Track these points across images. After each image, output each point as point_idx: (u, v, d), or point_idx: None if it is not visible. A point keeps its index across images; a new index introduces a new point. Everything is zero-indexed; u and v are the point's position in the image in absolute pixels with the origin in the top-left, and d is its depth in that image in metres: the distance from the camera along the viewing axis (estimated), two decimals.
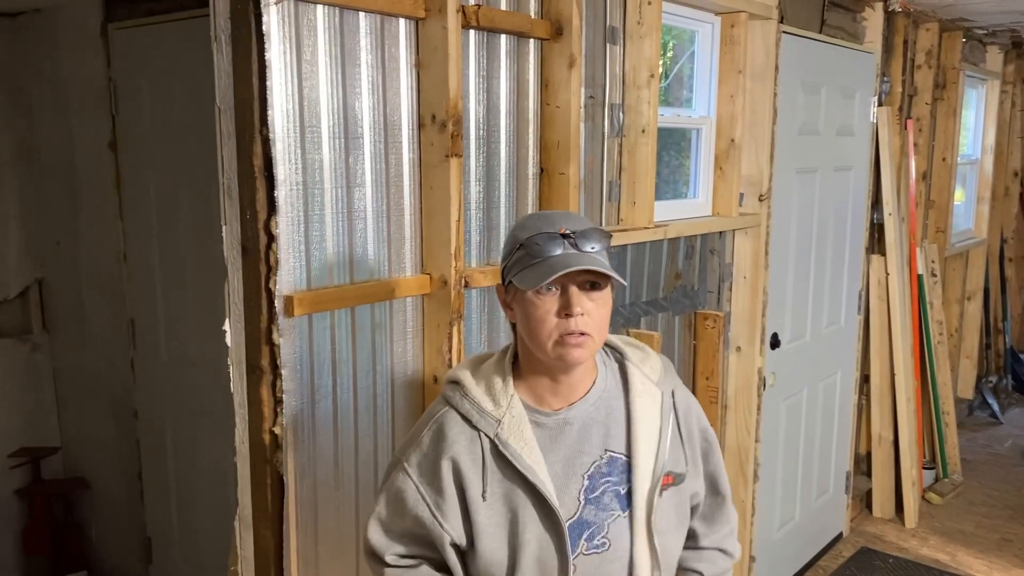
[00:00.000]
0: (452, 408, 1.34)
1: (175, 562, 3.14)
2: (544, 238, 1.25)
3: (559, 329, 1.24)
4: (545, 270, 1.22)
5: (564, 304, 1.24)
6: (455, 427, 1.32)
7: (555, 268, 1.22)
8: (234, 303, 1.70)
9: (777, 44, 2.97)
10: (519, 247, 1.27)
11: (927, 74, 4.43)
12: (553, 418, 1.33)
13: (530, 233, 1.27)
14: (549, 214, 1.33)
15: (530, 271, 1.24)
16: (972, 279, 5.53)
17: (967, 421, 5.70)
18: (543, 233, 1.26)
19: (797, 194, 3.35)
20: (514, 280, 1.27)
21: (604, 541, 1.31)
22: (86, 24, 3.00)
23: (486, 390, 1.34)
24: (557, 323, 1.24)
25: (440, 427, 1.33)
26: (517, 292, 1.28)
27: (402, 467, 1.34)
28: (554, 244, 1.25)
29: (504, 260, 1.32)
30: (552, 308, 1.24)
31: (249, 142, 1.62)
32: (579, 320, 1.24)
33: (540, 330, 1.25)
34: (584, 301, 1.24)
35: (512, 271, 1.28)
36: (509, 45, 2.10)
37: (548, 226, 1.27)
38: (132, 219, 3.03)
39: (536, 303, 1.25)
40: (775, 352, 3.29)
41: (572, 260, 1.23)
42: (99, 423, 3.36)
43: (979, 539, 4.10)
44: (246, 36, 1.60)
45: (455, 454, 1.30)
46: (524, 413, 1.32)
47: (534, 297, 1.25)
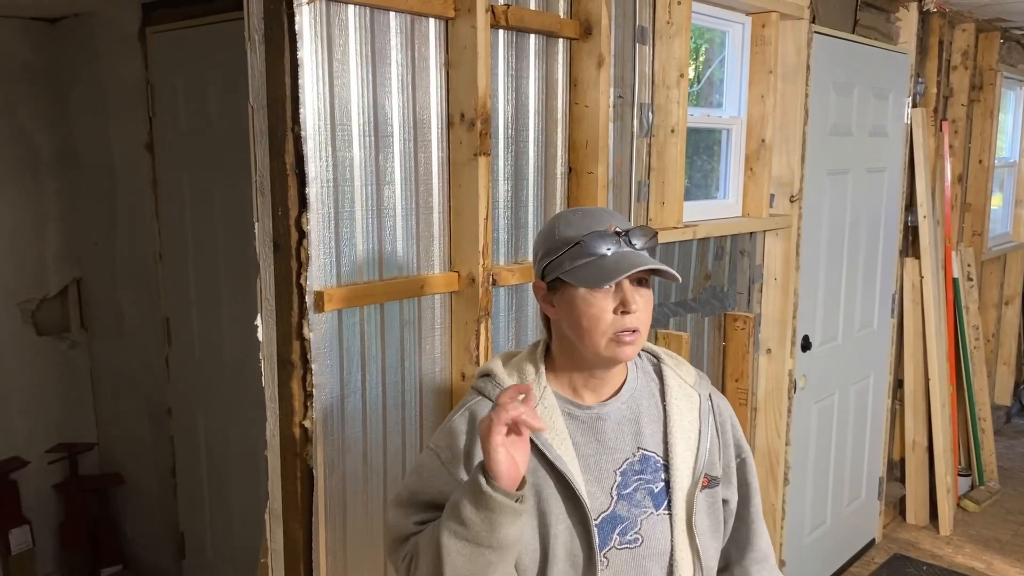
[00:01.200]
0: (484, 397, 1.35)
1: (208, 557, 3.18)
2: (597, 236, 1.26)
3: (615, 326, 1.25)
4: (607, 268, 1.23)
5: (622, 301, 1.25)
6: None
7: (620, 267, 1.23)
8: (266, 298, 1.72)
9: (808, 44, 2.95)
10: (572, 245, 1.26)
11: (963, 75, 4.37)
12: (587, 412, 1.34)
13: (580, 231, 1.27)
14: (593, 211, 1.33)
15: (587, 269, 1.25)
16: (1010, 284, 5.44)
17: (1005, 428, 5.60)
18: (596, 232, 1.26)
19: (829, 195, 3.32)
20: (567, 278, 1.27)
21: (637, 537, 1.32)
22: (124, 28, 3.07)
23: (518, 380, 1.35)
24: (613, 320, 1.25)
25: (473, 415, 1.34)
26: (564, 289, 1.28)
27: (430, 449, 1.35)
28: (609, 242, 1.26)
29: (547, 256, 1.31)
30: (608, 306, 1.25)
31: (281, 140, 1.65)
32: (634, 317, 1.25)
33: (595, 327, 1.26)
34: (637, 298, 1.26)
35: (561, 268, 1.27)
36: (538, 44, 2.11)
37: (597, 224, 1.28)
38: (168, 219, 3.08)
39: (591, 301, 1.25)
40: (806, 354, 3.27)
41: (634, 259, 1.24)
42: (134, 420, 3.42)
43: (1016, 548, 4.02)
44: (279, 35, 1.62)
45: None
46: (556, 405, 1.33)
47: (588, 295, 1.25)
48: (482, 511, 1.15)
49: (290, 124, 1.63)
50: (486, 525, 1.15)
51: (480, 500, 1.14)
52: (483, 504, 1.14)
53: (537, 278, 1.35)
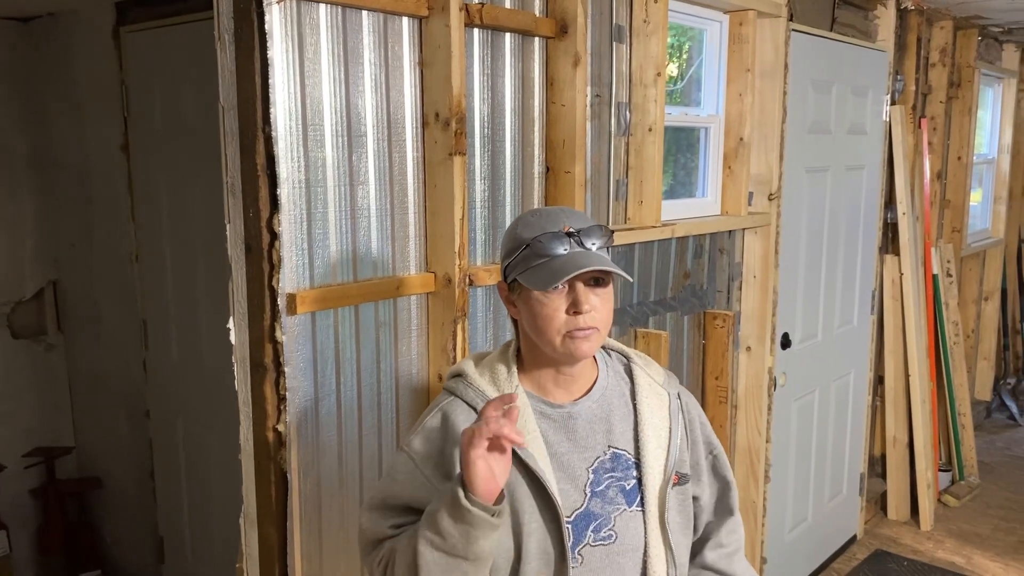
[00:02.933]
0: (456, 397, 1.35)
1: (187, 561, 3.16)
2: (549, 237, 1.26)
3: (568, 325, 1.26)
4: (555, 270, 1.24)
5: (573, 302, 1.26)
6: (461, 415, 1.33)
7: (565, 268, 1.24)
8: (238, 301, 1.71)
9: (786, 42, 2.96)
10: (524, 246, 1.28)
11: (941, 72, 4.40)
12: (559, 410, 1.34)
13: (534, 232, 1.28)
14: (549, 211, 1.33)
15: (537, 271, 1.26)
16: (989, 280, 5.48)
17: (985, 423, 5.65)
18: (548, 233, 1.27)
19: (808, 193, 3.33)
20: (521, 279, 1.28)
21: (611, 533, 1.33)
22: (98, 27, 3.03)
23: (491, 380, 1.35)
24: (566, 320, 1.26)
25: (445, 415, 1.34)
26: (522, 290, 1.29)
27: (403, 451, 1.35)
28: (559, 243, 1.26)
29: (506, 258, 1.33)
30: (561, 306, 1.26)
31: (252, 140, 1.63)
32: (587, 317, 1.26)
33: (549, 327, 1.27)
34: (591, 297, 1.27)
35: (516, 270, 1.29)
36: (514, 43, 2.10)
37: (551, 224, 1.28)
38: (144, 220, 3.06)
39: (544, 302, 1.26)
40: (786, 352, 3.27)
41: (581, 260, 1.24)
42: (112, 423, 3.39)
43: (996, 542, 4.05)
44: (249, 35, 1.61)
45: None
46: (528, 404, 1.33)
47: (542, 296, 1.26)
48: (459, 524, 1.15)
49: (261, 124, 1.62)
50: (463, 537, 1.16)
51: (458, 513, 1.15)
52: (460, 517, 1.15)
53: (501, 278, 1.36)
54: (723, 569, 1.50)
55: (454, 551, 1.17)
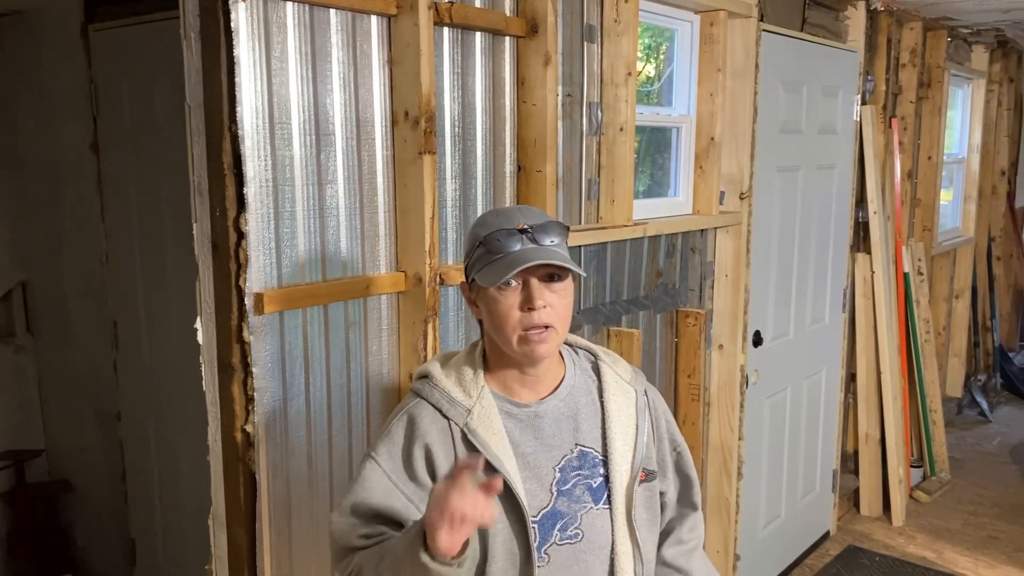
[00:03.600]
0: (422, 399, 1.35)
1: (159, 563, 3.13)
2: (503, 234, 1.27)
3: (523, 323, 1.27)
4: (505, 266, 1.25)
5: (526, 298, 1.26)
6: (426, 417, 1.33)
7: (514, 263, 1.24)
8: (205, 301, 1.70)
9: (757, 42, 2.98)
10: (479, 244, 1.29)
11: (911, 73, 4.45)
12: (525, 410, 1.35)
13: (489, 230, 1.29)
14: (507, 210, 1.35)
15: (490, 268, 1.27)
16: (960, 277, 5.55)
17: (956, 420, 5.71)
18: (501, 230, 1.28)
19: (779, 192, 3.35)
20: (476, 277, 1.30)
21: (578, 532, 1.33)
22: (66, 26, 3.00)
23: (456, 381, 1.35)
24: (520, 317, 1.27)
25: (411, 417, 1.34)
26: (481, 289, 1.30)
27: (371, 458, 1.34)
28: (512, 240, 1.27)
29: (466, 258, 1.34)
30: (514, 303, 1.27)
31: (218, 139, 1.62)
32: (541, 313, 1.26)
33: (504, 325, 1.28)
34: (546, 294, 1.27)
35: (474, 268, 1.30)
36: (484, 42, 2.11)
37: (506, 222, 1.29)
38: (114, 221, 3.02)
39: (498, 299, 1.27)
40: (758, 350, 3.30)
41: (530, 255, 1.25)
42: (83, 425, 3.36)
43: (966, 537, 4.10)
44: (215, 33, 1.60)
45: (428, 442, 1.31)
46: (494, 404, 1.33)
47: (496, 293, 1.27)
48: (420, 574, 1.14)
49: (227, 123, 1.61)
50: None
51: (418, 567, 1.14)
52: (421, 570, 1.14)
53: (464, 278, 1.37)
54: (682, 566, 1.50)
55: None
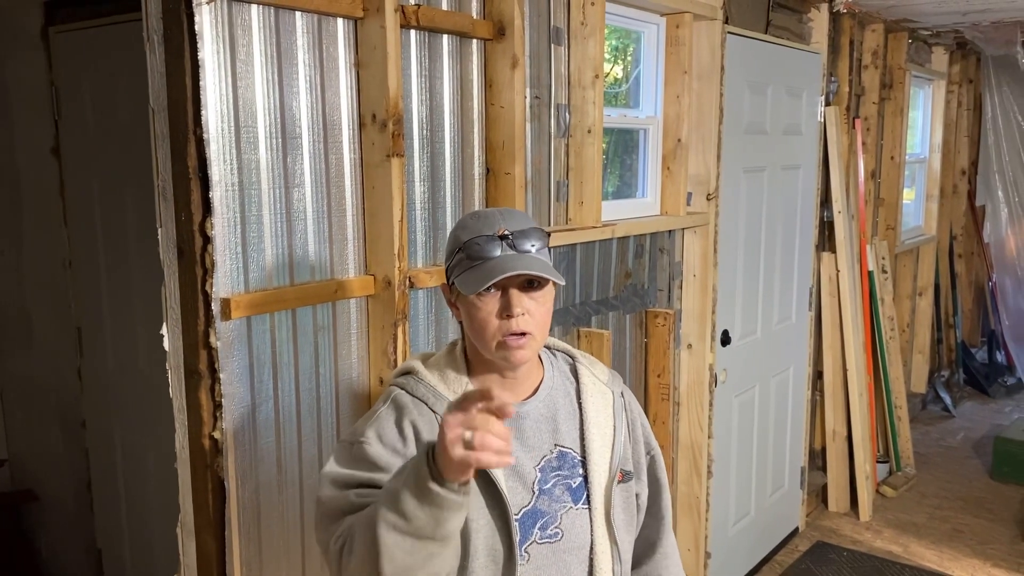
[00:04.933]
0: (406, 392, 1.34)
1: (126, 573, 3.09)
2: (483, 240, 1.27)
3: (501, 330, 1.26)
4: (484, 273, 1.24)
5: (504, 305, 1.26)
6: (413, 409, 1.31)
7: (493, 272, 1.24)
8: (171, 307, 1.68)
9: (722, 44, 3.01)
10: (459, 249, 1.29)
11: (874, 74, 4.51)
12: None
13: (470, 235, 1.28)
14: (488, 213, 1.33)
15: (470, 274, 1.26)
16: (923, 275, 5.64)
17: (920, 415, 5.81)
18: (482, 236, 1.27)
19: (745, 193, 3.39)
20: (456, 283, 1.29)
21: (557, 531, 1.34)
22: (26, 28, 2.95)
23: (440, 378, 1.35)
24: (499, 324, 1.26)
25: (400, 406, 1.32)
26: (460, 293, 1.29)
27: (359, 442, 1.29)
28: (493, 246, 1.26)
29: (447, 260, 1.33)
30: (493, 309, 1.26)
31: (183, 143, 1.60)
32: (520, 320, 1.26)
33: (484, 331, 1.27)
34: (524, 301, 1.27)
35: (454, 273, 1.30)
36: (451, 45, 2.11)
37: (487, 227, 1.28)
38: (77, 225, 2.98)
39: (478, 305, 1.27)
40: (726, 349, 3.33)
41: (509, 263, 1.25)
42: (47, 433, 3.30)
43: (931, 530, 4.17)
44: (178, 36, 1.58)
45: (419, 428, 1.29)
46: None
47: (476, 300, 1.27)
48: (426, 506, 1.07)
49: (192, 127, 1.59)
50: (430, 520, 1.08)
51: (425, 496, 1.07)
52: (428, 500, 1.07)
53: (445, 281, 1.36)
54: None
55: (420, 533, 1.09)
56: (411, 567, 1.11)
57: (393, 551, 1.10)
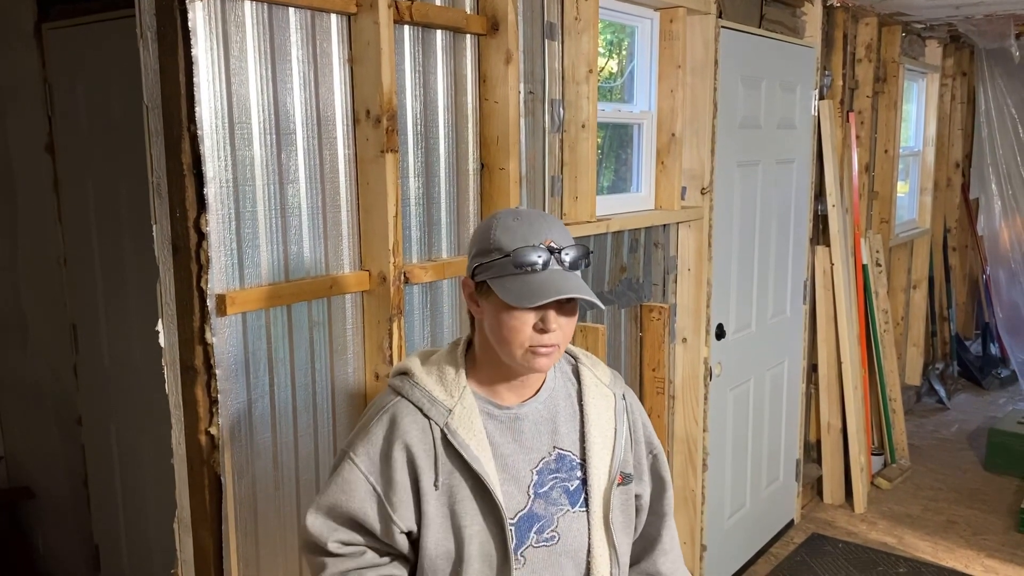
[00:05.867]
0: (403, 398, 1.34)
1: (123, 569, 3.09)
2: (530, 251, 1.24)
3: (532, 341, 1.26)
4: (534, 288, 1.22)
5: (542, 320, 1.25)
6: (407, 417, 1.32)
7: (544, 290, 1.22)
8: (166, 303, 1.68)
9: (716, 39, 3.01)
10: (503, 255, 1.25)
11: (867, 68, 4.52)
12: (506, 412, 1.35)
13: (515, 241, 1.25)
14: (531, 217, 1.30)
15: (515, 283, 1.24)
16: (917, 268, 5.66)
17: (915, 408, 5.83)
18: (530, 246, 1.24)
19: (739, 187, 3.40)
20: (495, 287, 1.25)
21: (554, 535, 1.34)
22: (19, 24, 2.94)
23: (438, 380, 1.34)
24: (531, 335, 1.26)
25: (392, 417, 1.33)
26: (490, 294, 1.27)
27: (349, 458, 1.33)
28: (540, 258, 1.24)
29: (479, 257, 1.29)
30: (529, 321, 1.25)
31: (177, 139, 1.61)
32: (552, 335, 1.26)
33: (513, 339, 1.26)
34: (559, 318, 1.26)
35: (489, 273, 1.26)
36: (445, 40, 2.11)
37: (532, 235, 1.26)
38: (71, 222, 2.98)
39: (515, 315, 1.25)
40: (721, 342, 3.34)
41: (561, 284, 1.23)
42: (43, 431, 3.30)
43: (925, 522, 4.19)
44: (172, 32, 1.58)
45: (409, 443, 1.30)
46: (475, 405, 1.33)
47: (511, 308, 1.25)
48: None
49: (186, 123, 1.59)
50: None
51: None
52: None
53: (467, 275, 1.33)
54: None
55: None
56: None
57: None
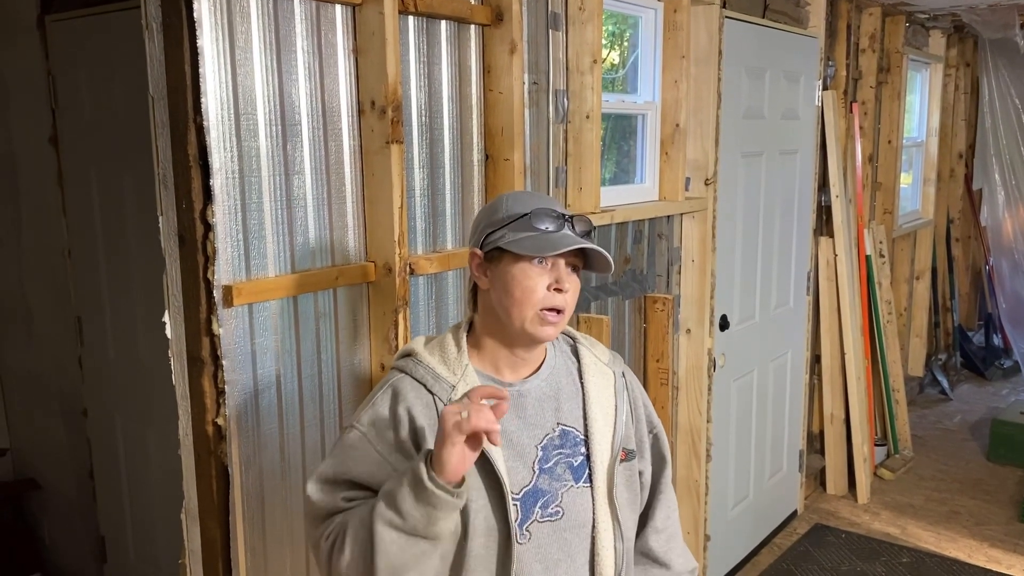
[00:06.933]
0: (406, 375, 1.35)
1: (130, 560, 3.10)
2: (547, 212, 1.31)
3: (544, 302, 1.30)
4: (553, 241, 1.28)
5: (556, 279, 1.30)
6: (411, 392, 1.33)
7: (564, 242, 1.28)
8: (173, 294, 1.69)
9: (720, 29, 3.00)
10: (520, 216, 1.31)
11: (871, 58, 4.51)
12: (509, 389, 1.36)
13: (529, 207, 1.32)
14: (540, 194, 1.40)
15: (532, 239, 1.29)
16: (920, 259, 5.65)
17: (918, 399, 5.84)
18: (547, 209, 1.32)
19: (743, 177, 3.39)
20: (512, 247, 1.29)
21: (558, 510, 1.35)
22: (22, 16, 2.94)
23: (441, 359, 1.36)
24: (544, 296, 1.29)
25: (396, 391, 1.34)
26: (502, 260, 1.31)
27: (355, 428, 1.34)
28: (555, 221, 1.31)
29: (490, 227, 1.34)
30: (543, 281, 1.30)
31: (183, 131, 1.61)
32: (564, 296, 1.31)
33: (527, 299, 1.30)
34: (572, 278, 1.32)
35: (504, 238, 1.31)
36: (449, 31, 2.10)
37: (546, 203, 1.34)
38: (75, 214, 2.98)
39: (528, 273, 1.29)
40: (724, 333, 3.34)
41: (576, 240, 1.29)
42: (48, 423, 3.31)
43: (928, 512, 4.20)
44: (177, 24, 1.58)
45: (414, 415, 1.31)
46: (478, 382, 1.35)
47: (526, 267, 1.29)
48: (422, 505, 1.15)
49: (192, 115, 1.59)
50: (424, 519, 1.16)
51: (421, 494, 1.15)
52: (423, 499, 1.15)
53: (474, 247, 1.37)
54: (660, 557, 1.53)
55: (414, 531, 1.17)
56: (403, 565, 1.19)
57: (388, 547, 1.17)
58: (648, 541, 1.53)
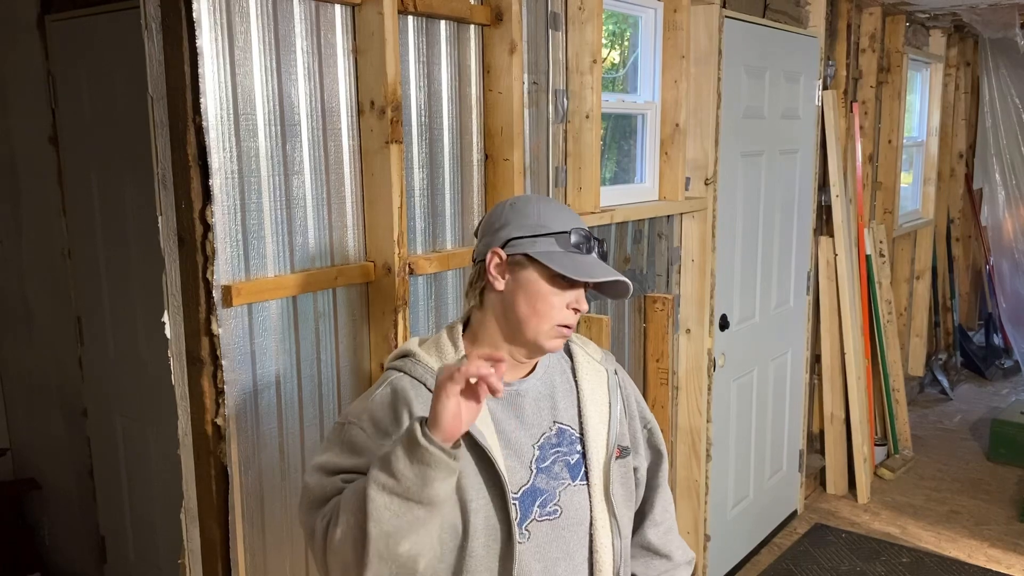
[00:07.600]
0: (405, 374, 1.35)
1: (130, 560, 3.10)
2: (582, 233, 1.34)
3: (563, 319, 1.33)
4: (589, 266, 1.32)
5: (577, 299, 1.34)
6: (410, 390, 1.32)
7: (599, 270, 1.32)
8: (172, 294, 1.69)
9: (720, 29, 3.00)
10: (559, 233, 1.33)
11: (871, 58, 4.51)
12: (506, 388, 1.36)
13: (566, 223, 1.34)
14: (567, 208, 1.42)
15: (567, 259, 1.31)
16: (920, 259, 5.65)
17: (918, 398, 5.83)
18: (584, 230, 1.34)
19: (743, 177, 3.39)
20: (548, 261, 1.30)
21: (556, 508, 1.36)
22: (21, 16, 2.94)
23: (439, 359, 1.36)
24: (564, 314, 1.33)
25: (395, 388, 1.33)
26: (526, 268, 1.32)
27: (351, 423, 1.31)
28: (589, 245, 1.34)
29: (520, 231, 1.34)
30: (565, 299, 1.33)
31: (182, 131, 1.61)
32: (577, 316, 1.35)
33: (546, 315, 1.32)
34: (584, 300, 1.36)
35: (535, 247, 1.32)
36: (449, 31, 2.10)
37: (572, 221, 1.36)
38: (75, 214, 2.98)
39: (554, 291, 1.32)
40: (724, 333, 3.34)
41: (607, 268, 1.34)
42: (49, 422, 3.31)
43: (928, 512, 4.20)
44: (176, 24, 1.58)
45: (413, 413, 1.29)
46: None
47: (550, 283, 1.32)
48: (416, 464, 1.11)
49: (191, 114, 1.59)
50: (419, 479, 1.11)
51: (415, 452, 1.11)
52: (417, 457, 1.11)
53: (495, 246, 1.35)
54: (659, 548, 1.55)
55: (408, 494, 1.12)
56: (396, 531, 1.13)
57: (382, 512, 1.12)
58: (647, 534, 1.55)
